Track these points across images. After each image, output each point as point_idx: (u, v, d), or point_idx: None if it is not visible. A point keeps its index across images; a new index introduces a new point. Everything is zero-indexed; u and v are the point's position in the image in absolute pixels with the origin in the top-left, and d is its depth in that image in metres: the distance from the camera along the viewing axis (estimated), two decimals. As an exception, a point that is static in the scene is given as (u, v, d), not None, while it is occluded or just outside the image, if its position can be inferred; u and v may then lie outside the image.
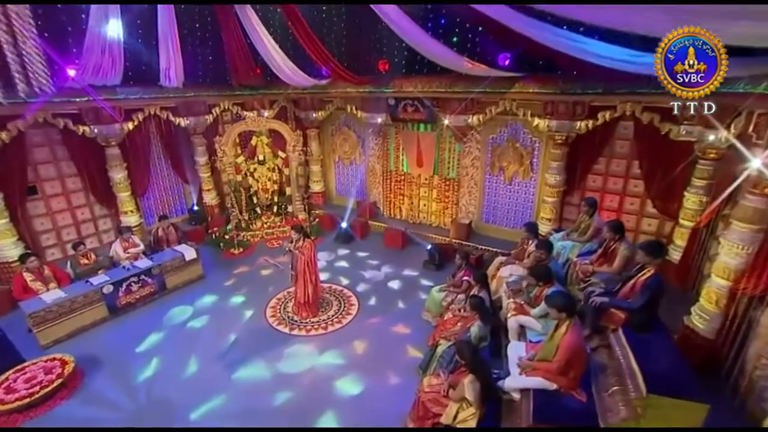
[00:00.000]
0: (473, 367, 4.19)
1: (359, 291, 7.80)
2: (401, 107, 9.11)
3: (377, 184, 10.65)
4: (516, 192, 8.81)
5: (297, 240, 6.63)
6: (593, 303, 4.46)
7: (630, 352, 3.88)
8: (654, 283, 4.08)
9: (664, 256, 4.18)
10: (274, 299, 7.53)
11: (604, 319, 4.51)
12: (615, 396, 3.82)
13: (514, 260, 6.50)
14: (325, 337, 6.51)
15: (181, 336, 6.56)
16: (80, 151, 8.22)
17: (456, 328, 5.61)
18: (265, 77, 10.52)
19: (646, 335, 4.14)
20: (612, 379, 4.02)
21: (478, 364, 4.24)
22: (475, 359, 4.23)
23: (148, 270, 7.34)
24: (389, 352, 6.12)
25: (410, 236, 9.75)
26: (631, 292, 4.30)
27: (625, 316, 4.30)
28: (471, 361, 4.19)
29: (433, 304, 6.63)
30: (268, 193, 10.31)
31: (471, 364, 4.19)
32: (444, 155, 9.43)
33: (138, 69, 8.51)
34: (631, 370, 3.73)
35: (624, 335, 4.18)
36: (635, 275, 4.34)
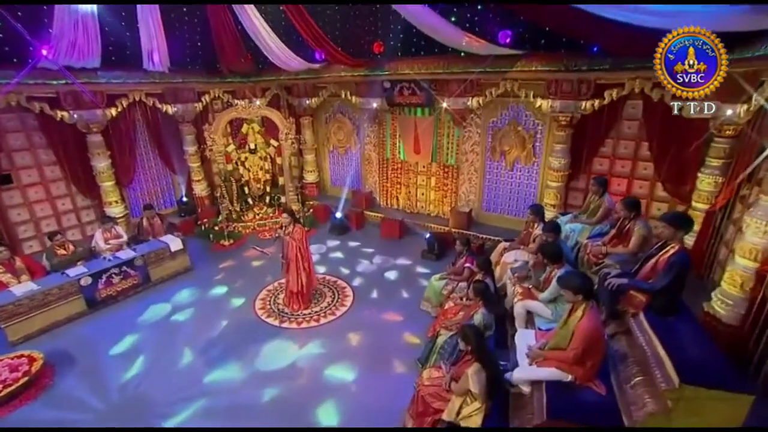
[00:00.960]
0: (479, 355, 3.71)
1: (354, 282, 7.31)
2: (397, 91, 8.62)
3: (373, 173, 10.15)
4: (518, 178, 8.34)
5: (288, 225, 6.14)
6: (610, 285, 3.97)
7: (655, 338, 3.40)
8: (680, 260, 3.60)
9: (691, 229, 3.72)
10: (264, 291, 7.03)
11: (623, 302, 4.02)
12: (638, 388, 3.34)
13: (518, 245, 6.02)
14: (317, 330, 6.03)
15: (164, 330, 6.06)
16: (59, 138, 7.71)
17: (458, 318, 5.13)
18: (256, 64, 10.03)
19: (670, 319, 3.66)
20: (634, 369, 3.54)
21: (484, 351, 3.76)
22: (480, 345, 3.75)
23: (130, 261, 6.83)
24: (386, 344, 5.65)
25: (408, 225, 9.27)
26: (653, 271, 3.82)
27: (646, 298, 3.81)
28: (476, 348, 3.71)
29: (433, 294, 6.15)
30: (260, 183, 9.81)
31: (476, 350, 3.71)
32: (442, 141, 8.95)
33: (120, 51, 8.00)
34: (658, 358, 3.25)
35: (646, 320, 3.69)
36: (657, 253, 3.85)
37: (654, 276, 3.80)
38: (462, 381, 3.78)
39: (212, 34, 8.93)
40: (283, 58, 8.75)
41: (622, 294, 3.99)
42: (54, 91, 7.30)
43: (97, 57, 7.38)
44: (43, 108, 7.26)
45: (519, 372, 3.87)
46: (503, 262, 5.87)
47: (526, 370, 3.82)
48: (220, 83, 9.82)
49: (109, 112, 8.06)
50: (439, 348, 4.83)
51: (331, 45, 8.06)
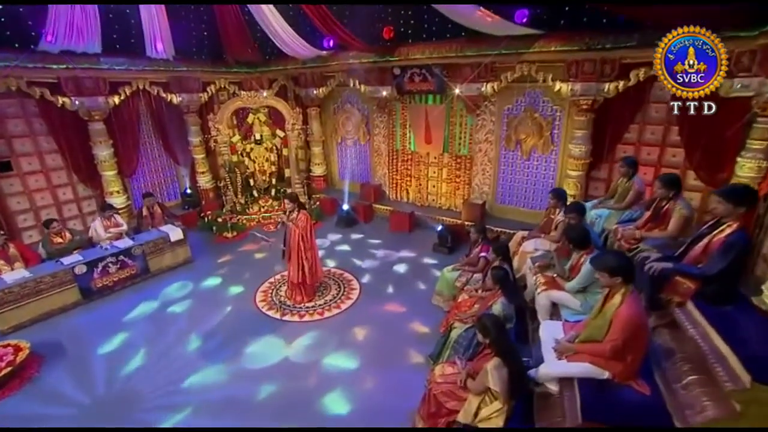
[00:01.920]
0: (499, 348, 3.20)
1: (362, 275, 6.82)
2: (407, 77, 8.15)
3: (382, 165, 9.68)
4: (535, 168, 7.78)
5: (291, 211, 5.68)
6: (652, 270, 3.42)
7: (712, 330, 2.84)
8: (739, 240, 3.04)
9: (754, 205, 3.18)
10: (267, 283, 6.58)
11: (666, 290, 3.46)
12: (693, 388, 2.78)
13: (539, 233, 5.47)
14: (321, 324, 5.55)
15: (159, 323, 5.63)
16: (60, 125, 7.37)
17: (473, 310, 4.61)
18: (263, 55, 9.68)
19: (726, 309, 3.10)
20: (685, 367, 2.98)
21: (505, 343, 3.25)
22: (501, 337, 3.24)
23: (128, 250, 6.44)
24: (394, 340, 5.14)
25: (419, 218, 8.76)
26: (704, 254, 3.26)
27: (695, 285, 3.26)
28: (496, 340, 3.20)
29: (445, 286, 5.64)
30: (265, 175, 9.40)
31: (496, 343, 3.20)
32: (455, 130, 8.45)
33: (123, 38, 7.70)
34: (718, 353, 2.69)
35: (696, 309, 3.14)
36: (709, 233, 3.29)
37: (705, 259, 3.24)
38: (480, 377, 3.27)
39: (218, 22, 8.61)
40: (292, 44, 8.35)
41: (666, 281, 3.43)
42: (55, 76, 6.98)
43: (97, 40, 7.04)
44: (43, 93, 6.93)
45: (546, 368, 3.34)
46: (522, 252, 5.33)
47: (555, 366, 3.29)
48: (226, 73, 9.48)
49: (111, 100, 7.73)
50: (453, 342, 4.31)
51: (342, 29, 7.61)
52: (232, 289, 6.45)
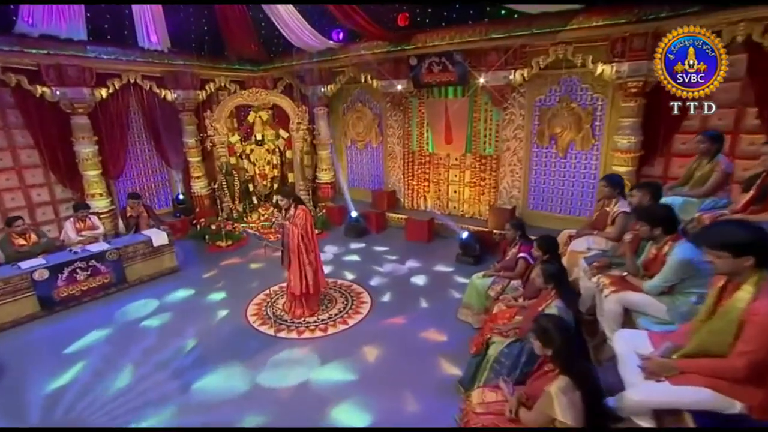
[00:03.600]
0: (567, 361, 2.34)
1: (373, 287, 5.99)
2: (425, 68, 7.53)
3: (396, 170, 8.97)
4: (573, 166, 6.97)
5: (287, 208, 4.94)
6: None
7: None
8: None
9: None
10: (261, 295, 5.77)
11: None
12: None
13: (590, 230, 4.61)
14: (324, 342, 4.69)
15: (126, 338, 4.82)
16: (38, 118, 6.81)
17: (515, 322, 3.73)
18: (268, 52, 9.26)
19: None
20: None
21: (575, 355, 2.38)
22: (570, 345, 2.38)
23: (101, 255, 5.72)
24: (413, 361, 4.26)
25: (440, 226, 7.93)
26: None
27: None
28: (564, 350, 2.35)
29: (475, 297, 4.77)
30: (266, 179, 8.74)
31: (563, 354, 2.35)
32: (478, 127, 7.73)
33: (114, 25, 7.29)
34: None
35: None
36: None
37: None
38: (540, 405, 2.39)
39: (219, 15, 8.21)
40: (302, 35, 7.87)
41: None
42: (34, 62, 6.51)
43: (81, 25, 6.63)
44: (20, 81, 6.44)
45: (635, 395, 2.43)
46: (571, 252, 4.47)
47: (648, 392, 2.39)
48: (227, 70, 9.04)
49: (98, 93, 7.23)
50: (492, 362, 3.41)
51: (358, 12, 7.04)
52: (220, 302, 5.65)
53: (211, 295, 5.84)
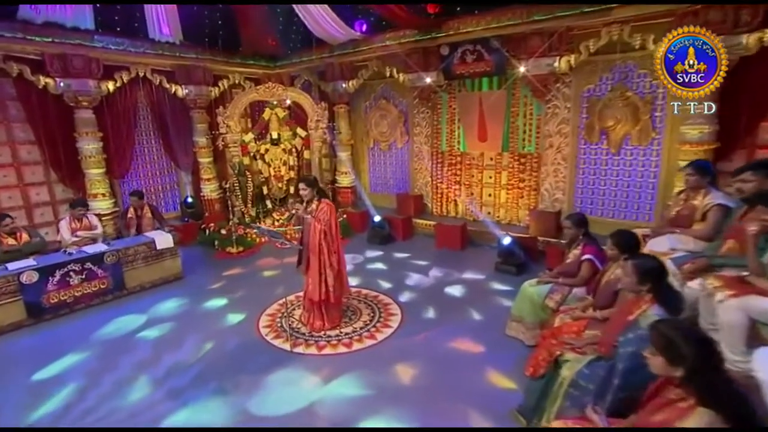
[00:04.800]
0: (706, 387, 1.69)
1: (403, 298, 5.37)
2: (458, 57, 7.03)
3: (424, 172, 8.42)
4: (628, 164, 6.30)
5: (309, 200, 4.41)
6: None
7: None
8: None
9: None
10: (275, 305, 5.21)
11: None
12: None
13: (671, 227, 3.94)
14: (349, 359, 4.08)
15: (120, 350, 4.28)
16: (40, 112, 6.51)
17: (590, 335, 3.08)
18: (285, 47, 8.95)
19: None
20: None
21: (717, 376, 1.73)
22: (709, 364, 1.73)
23: (98, 257, 5.25)
24: (457, 384, 3.62)
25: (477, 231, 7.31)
26: None
27: None
28: (700, 371, 1.71)
29: (529, 308, 4.11)
30: (282, 181, 8.28)
31: (699, 377, 1.71)
32: (517, 123, 7.16)
33: (123, 15, 7.06)
34: None
35: None
36: None
37: None
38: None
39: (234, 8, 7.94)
40: (326, 25, 7.52)
41: None
42: (38, 51, 6.26)
43: (88, 13, 6.40)
44: (22, 71, 6.16)
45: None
46: (650, 253, 3.79)
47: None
48: (241, 65, 8.75)
49: (105, 86, 6.93)
50: (567, 386, 2.75)
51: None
52: (228, 311, 5.10)
53: (218, 305, 5.30)
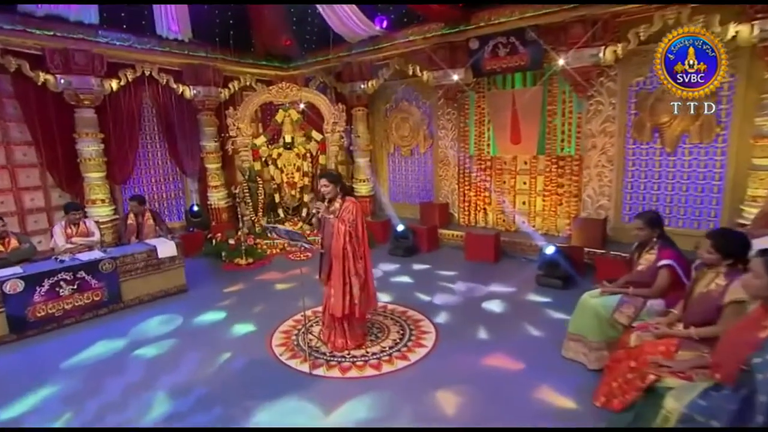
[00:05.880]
0: None
1: (436, 313, 4.83)
2: (488, 52, 6.64)
3: (449, 179, 7.96)
4: (687, 164, 5.77)
5: (332, 198, 3.95)
6: None
7: None
8: None
9: None
10: (290, 320, 4.71)
11: None
12: None
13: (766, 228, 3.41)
14: (378, 383, 3.54)
15: (113, 370, 3.81)
16: (39, 110, 6.24)
17: (689, 358, 2.53)
18: (300, 48, 8.68)
19: None
20: None
21: None
22: None
23: (92, 265, 4.81)
24: (511, 416, 3.06)
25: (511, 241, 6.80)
26: None
27: None
28: None
29: (592, 325, 3.55)
30: (295, 189, 7.87)
31: None
32: (554, 122, 6.71)
33: (130, 10, 6.80)
34: None
35: None
36: None
37: None
38: None
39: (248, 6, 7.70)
40: (348, 21, 7.21)
41: None
42: (38, 45, 6.01)
43: (93, 7, 6.15)
44: (21, 66, 5.90)
45: None
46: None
47: None
48: (253, 66, 8.50)
49: (108, 84, 6.68)
50: (674, 421, 2.20)
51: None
52: (237, 328, 4.61)
53: (225, 320, 4.81)
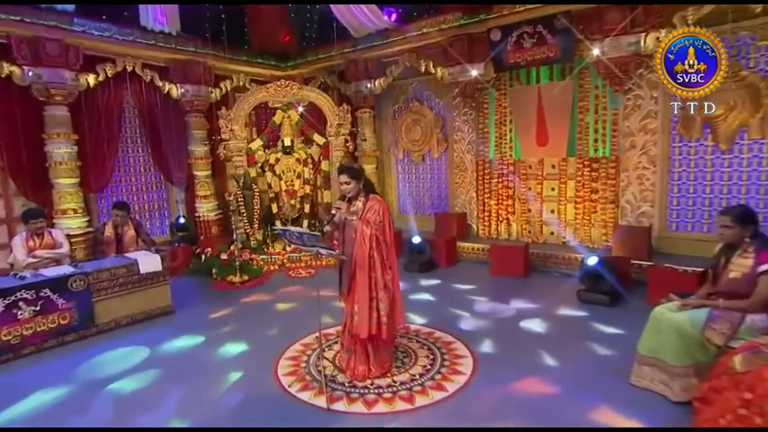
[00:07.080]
0: None
1: (467, 335, 4.29)
2: (512, 43, 6.29)
3: (467, 186, 7.52)
4: (745, 163, 5.35)
5: (353, 197, 3.45)
6: None
7: None
8: None
9: None
10: (297, 345, 4.14)
11: None
12: None
13: None
14: (413, 420, 2.99)
15: (79, 408, 3.21)
16: (2, 106, 5.75)
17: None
18: (299, 44, 8.34)
19: None
20: None
21: None
22: None
23: (60, 282, 4.22)
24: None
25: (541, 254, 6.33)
26: None
27: None
28: None
29: (674, 345, 3.03)
30: (295, 198, 7.34)
31: None
32: (587, 120, 6.32)
33: None
34: None
35: None
36: None
37: None
38: None
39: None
40: (357, 13, 6.91)
41: None
42: (3, 33, 5.57)
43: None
44: (-19, 58, 5.44)
45: None
46: None
47: None
48: (247, 64, 8.12)
49: (83, 79, 6.24)
50: None
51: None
52: (234, 356, 4.02)
53: (219, 347, 4.21)
